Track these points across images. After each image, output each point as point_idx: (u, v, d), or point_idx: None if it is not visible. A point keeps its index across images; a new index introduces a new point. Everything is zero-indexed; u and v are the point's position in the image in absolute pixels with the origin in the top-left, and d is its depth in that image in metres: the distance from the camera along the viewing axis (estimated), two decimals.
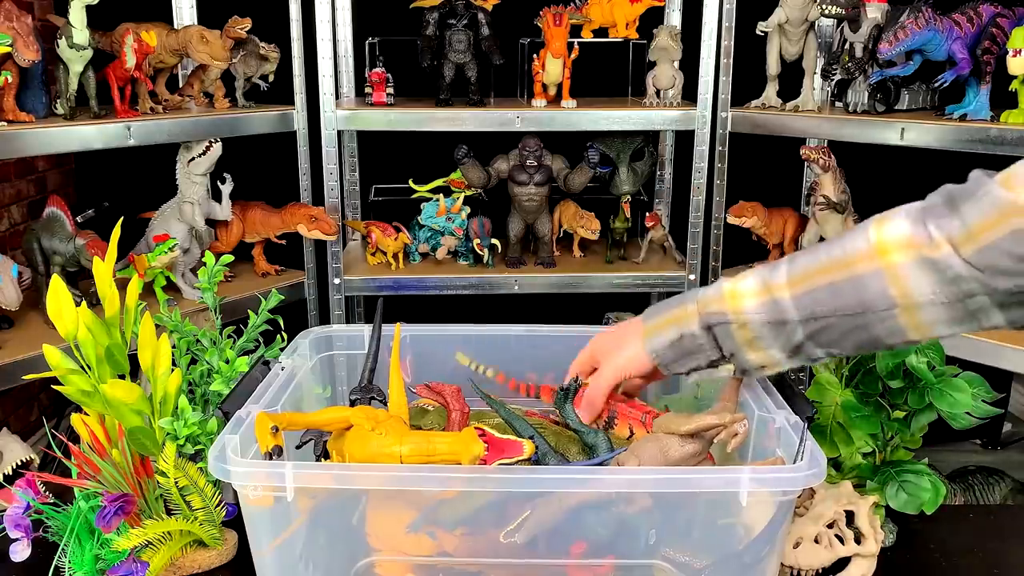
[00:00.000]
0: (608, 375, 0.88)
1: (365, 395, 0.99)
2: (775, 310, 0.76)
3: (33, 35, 1.52)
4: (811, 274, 0.74)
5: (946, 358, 1.02)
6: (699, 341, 0.81)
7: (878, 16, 1.72)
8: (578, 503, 0.82)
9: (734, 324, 0.78)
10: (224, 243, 1.93)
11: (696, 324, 0.81)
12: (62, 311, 0.93)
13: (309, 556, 0.87)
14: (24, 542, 0.96)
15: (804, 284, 0.74)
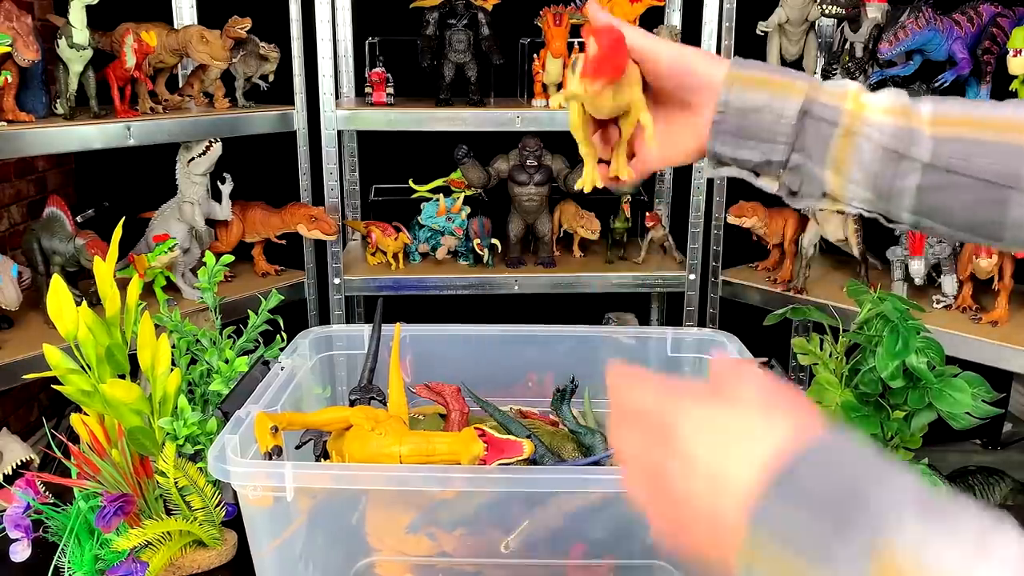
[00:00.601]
0: (636, 34, 0.65)
1: (365, 395, 0.99)
2: (904, 138, 0.61)
3: (33, 35, 1.52)
4: (961, 122, 0.61)
5: (946, 358, 1.02)
6: (781, 126, 0.63)
7: (878, 16, 1.72)
8: (577, 504, 0.82)
9: (841, 128, 0.62)
10: (224, 243, 1.93)
11: (794, 103, 0.62)
12: (62, 311, 0.93)
13: (309, 556, 0.87)
14: (24, 542, 0.96)
15: (951, 129, 0.61)
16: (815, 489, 0.39)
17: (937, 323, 1.54)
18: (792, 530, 0.38)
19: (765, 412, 0.43)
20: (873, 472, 0.38)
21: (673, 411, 0.45)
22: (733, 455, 0.41)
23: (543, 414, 1.09)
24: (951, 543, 0.35)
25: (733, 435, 0.42)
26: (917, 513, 0.36)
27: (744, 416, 0.43)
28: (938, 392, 0.99)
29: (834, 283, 1.91)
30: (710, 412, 0.44)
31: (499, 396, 1.04)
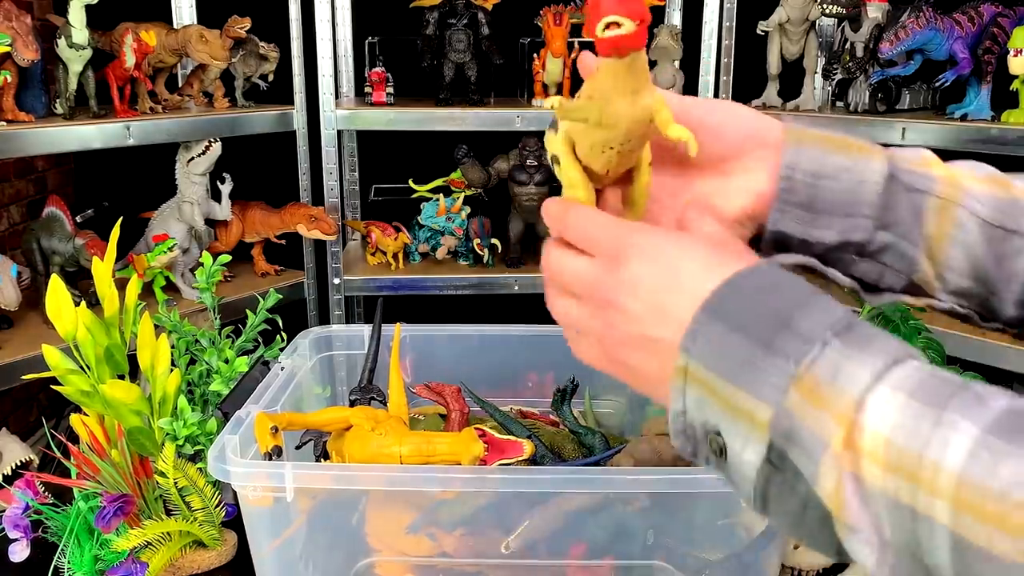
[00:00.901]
0: None
1: (365, 395, 0.99)
2: (1009, 211, 0.49)
3: (32, 34, 1.52)
4: None
5: (948, 358, 1.02)
6: (864, 194, 0.49)
7: (879, 16, 1.72)
8: (577, 504, 0.82)
9: (935, 198, 0.49)
10: (223, 243, 1.93)
11: (878, 165, 0.49)
12: (61, 311, 0.93)
13: (309, 557, 0.86)
14: (23, 542, 0.96)
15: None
16: (744, 314, 0.40)
17: (939, 323, 1.54)
18: (720, 353, 0.40)
19: (712, 248, 0.44)
20: (800, 298, 0.40)
21: (624, 238, 0.46)
22: (675, 286, 0.43)
23: (543, 414, 1.08)
24: (862, 365, 0.37)
25: (677, 266, 0.43)
26: (838, 336, 0.38)
27: (691, 249, 0.44)
28: None
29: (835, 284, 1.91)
30: (659, 242, 0.45)
31: (499, 396, 1.04)
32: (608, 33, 0.44)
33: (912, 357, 0.38)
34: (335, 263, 1.95)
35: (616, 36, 0.44)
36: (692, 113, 0.50)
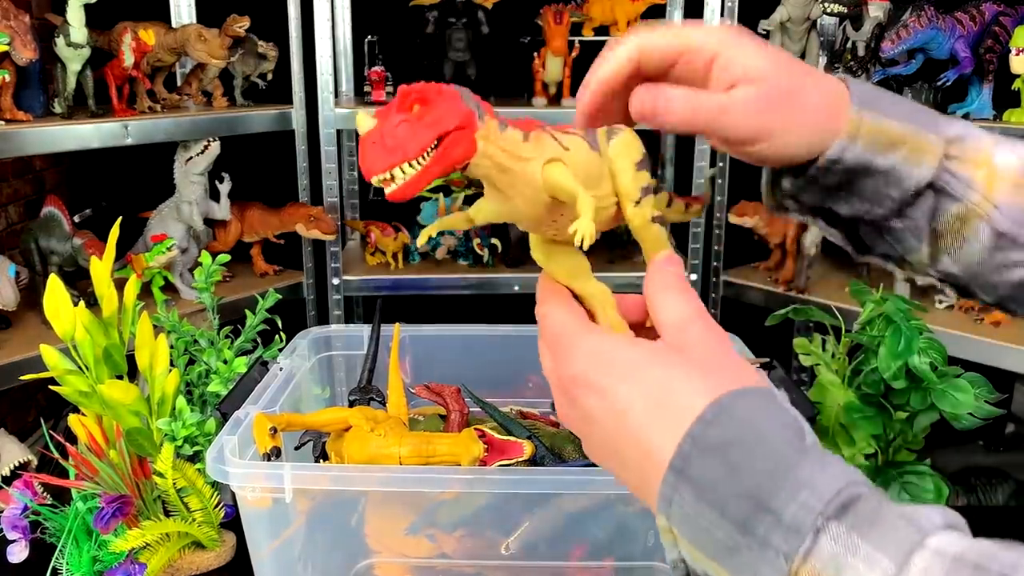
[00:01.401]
0: None
1: (364, 396, 0.99)
2: None
3: (31, 33, 1.52)
4: None
5: (948, 359, 1.02)
6: (898, 190, 0.48)
7: (880, 15, 1.71)
8: (577, 505, 0.82)
9: (963, 207, 0.49)
10: (222, 243, 1.92)
11: (925, 172, 0.48)
12: (59, 311, 0.93)
13: (308, 558, 0.86)
14: (22, 543, 0.95)
15: None
16: (714, 486, 0.35)
17: (940, 323, 1.54)
18: (699, 530, 0.36)
19: (689, 369, 0.39)
20: (780, 463, 0.35)
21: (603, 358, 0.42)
22: (656, 419, 0.38)
23: (543, 415, 1.08)
24: (872, 566, 0.32)
25: (657, 396, 0.39)
26: (834, 521, 0.33)
27: (670, 373, 0.39)
28: (940, 393, 0.99)
29: (836, 283, 1.90)
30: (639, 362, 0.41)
31: (499, 397, 1.04)
32: (388, 191, 0.41)
33: (928, 533, 0.32)
34: (334, 263, 1.95)
35: (394, 192, 0.41)
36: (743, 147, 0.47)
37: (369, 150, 0.40)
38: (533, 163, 0.44)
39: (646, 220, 0.48)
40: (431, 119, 0.40)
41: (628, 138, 0.49)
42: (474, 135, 0.42)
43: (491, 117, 0.43)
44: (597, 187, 0.47)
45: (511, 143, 0.43)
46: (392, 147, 0.40)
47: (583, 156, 0.46)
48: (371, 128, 0.41)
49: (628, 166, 0.48)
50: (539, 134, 0.45)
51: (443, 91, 0.42)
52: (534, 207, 0.45)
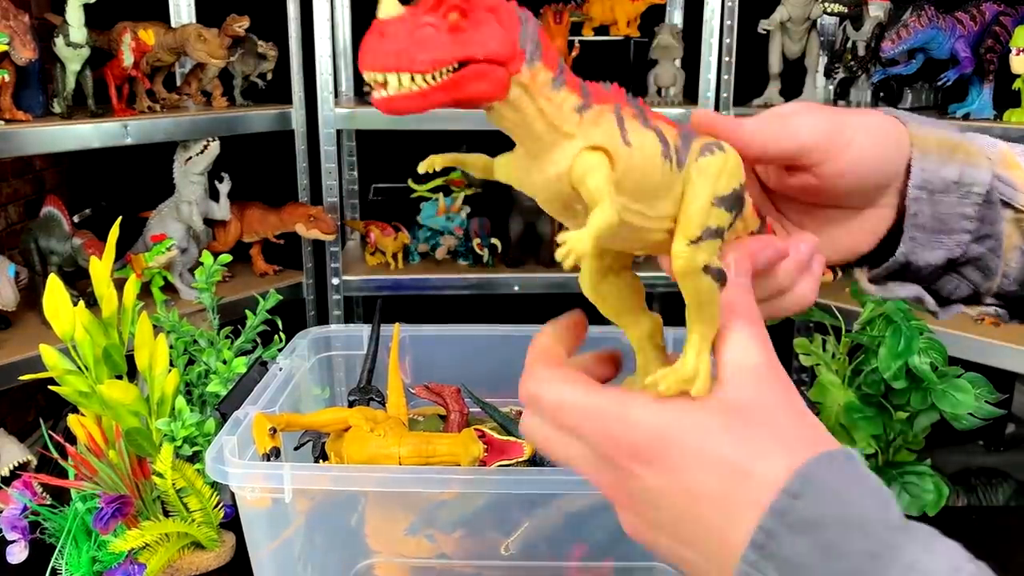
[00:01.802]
0: None
1: (364, 396, 0.99)
2: None
3: (30, 33, 1.52)
4: None
5: (949, 359, 1.02)
6: (966, 207, 0.46)
7: (880, 14, 1.71)
8: (577, 505, 0.82)
9: (1012, 209, 0.47)
10: (222, 243, 1.92)
11: (985, 173, 0.46)
12: (59, 311, 0.93)
13: (307, 558, 0.86)
14: (21, 544, 0.95)
15: None
16: (814, 565, 0.32)
17: (940, 323, 1.54)
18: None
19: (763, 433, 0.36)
20: (891, 540, 0.32)
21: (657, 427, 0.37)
22: (733, 493, 0.35)
23: None
24: None
25: (732, 468, 0.35)
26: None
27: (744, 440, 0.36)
28: (941, 393, 0.98)
29: (836, 283, 1.90)
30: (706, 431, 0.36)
31: (499, 397, 1.04)
32: (375, 95, 0.33)
33: None
34: (334, 263, 1.95)
35: (381, 100, 0.33)
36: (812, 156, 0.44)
37: (374, 40, 0.33)
38: (572, 142, 0.36)
39: (694, 267, 0.38)
40: (464, 37, 0.33)
41: (723, 163, 0.39)
42: (509, 77, 0.34)
43: (546, 66, 0.35)
44: (651, 203, 0.38)
45: (556, 107, 0.35)
46: (401, 48, 0.32)
47: (644, 160, 0.37)
48: (391, 16, 0.33)
49: (705, 194, 0.38)
50: (604, 111, 0.37)
51: (498, 9, 0.33)
52: (550, 191, 0.38)
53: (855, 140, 0.44)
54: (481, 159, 0.41)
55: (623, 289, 0.44)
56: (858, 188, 0.46)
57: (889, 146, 0.45)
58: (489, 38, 0.33)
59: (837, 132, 0.44)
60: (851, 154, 0.44)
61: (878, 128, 0.45)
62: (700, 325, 0.40)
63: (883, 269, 0.48)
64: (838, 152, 0.44)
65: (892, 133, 0.45)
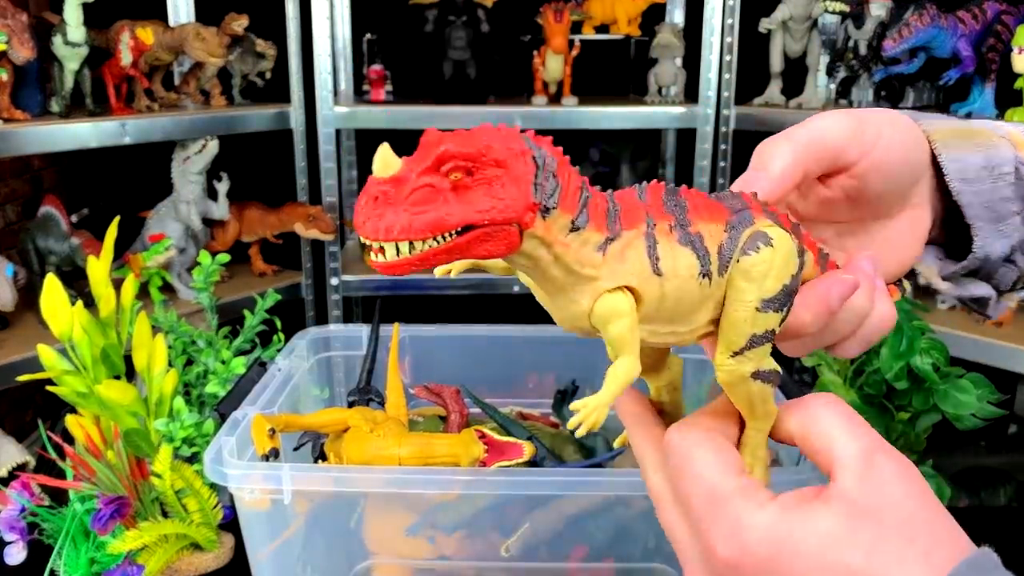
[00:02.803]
0: None
1: (363, 396, 0.98)
2: None
3: (28, 32, 1.51)
4: None
5: (951, 359, 1.01)
6: (1002, 188, 0.45)
7: (882, 13, 1.71)
8: (577, 507, 0.81)
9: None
10: (220, 243, 1.91)
11: (1008, 153, 0.45)
12: (57, 311, 0.92)
13: (307, 559, 0.86)
14: (19, 545, 0.95)
15: None
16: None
17: (942, 323, 1.53)
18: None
19: (896, 542, 0.32)
20: None
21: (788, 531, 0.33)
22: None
23: (544, 416, 1.08)
24: None
25: None
26: None
27: (875, 553, 0.32)
28: (943, 393, 0.98)
29: None
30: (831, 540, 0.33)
31: (499, 397, 1.03)
32: (373, 258, 0.31)
33: None
34: (333, 263, 1.94)
35: (379, 264, 0.31)
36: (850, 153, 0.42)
37: (369, 203, 0.30)
38: (592, 283, 0.33)
39: (740, 377, 0.36)
40: (469, 198, 0.30)
41: (771, 260, 0.35)
42: (520, 233, 0.31)
43: (564, 211, 0.32)
44: (686, 321, 0.36)
45: (575, 253, 0.32)
46: (397, 214, 0.29)
47: (678, 287, 0.34)
48: (386, 176, 0.30)
49: (750, 300, 0.35)
50: (633, 239, 0.34)
51: (508, 162, 0.30)
52: (569, 322, 0.35)
53: (882, 132, 0.43)
54: (500, 264, 0.38)
55: (650, 352, 0.41)
56: (894, 184, 0.44)
57: (913, 136, 0.44)
58: (497, 199, 0.30)
59: (861, 128, 0.42)
60: (882, 145, 0.42)
61: (898, 119, 0.44)
62: (755, 422, 0.38)
63: (960, 268, 0.46)
64: (870, 145, 0.42)
65: (910, 125, 0.45)
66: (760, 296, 0.35)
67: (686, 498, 0.36)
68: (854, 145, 0.42)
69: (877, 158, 0.42)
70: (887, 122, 0.43)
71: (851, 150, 0.42)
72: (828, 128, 0.42)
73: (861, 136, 0.42)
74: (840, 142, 0.42)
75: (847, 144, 0.42)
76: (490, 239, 0.30)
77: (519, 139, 0.31)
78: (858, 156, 0.42)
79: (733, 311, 0.35)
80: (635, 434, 0.42)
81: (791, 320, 0.38)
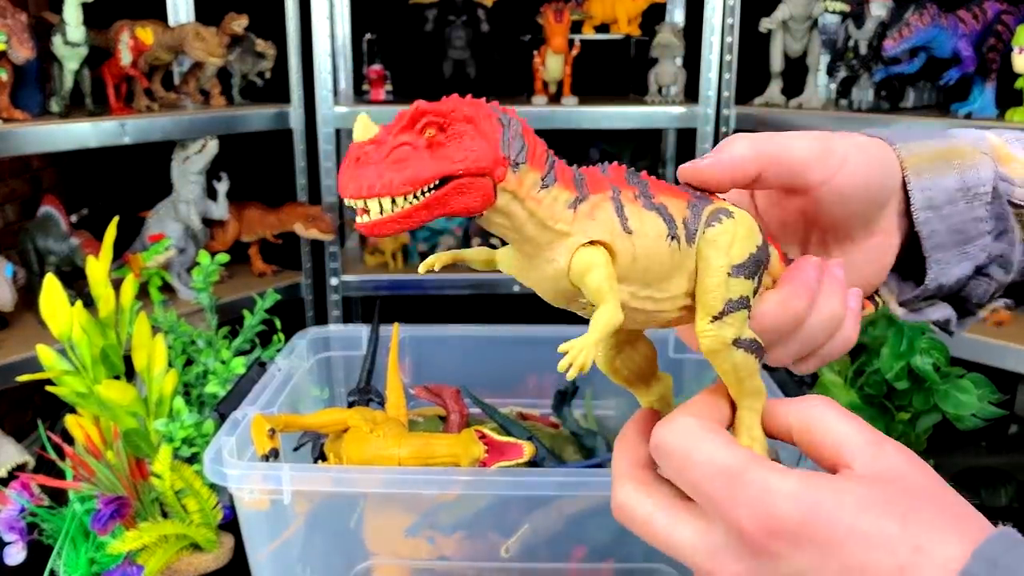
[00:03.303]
0: None
1: (363, 396, 0.98)
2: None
3: (28, 32, 1.51)
4: None
5: (951, 359, 1.01)
6: (976, 209, 0.44)
7: (882, 13, 1.71)
8: (577, 507, 0.81)
9: (1016, 204, 0.46)
10: (220, 243, 1.91)
11: (987, 172, 0.45)
12: (56, 311, 0.92)
13: (306, 560, 0.85)
14: (19, 545, 0.95)
15: None
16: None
17: None
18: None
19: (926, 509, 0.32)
20: None
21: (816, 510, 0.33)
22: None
23: (544, 416, 1.07)
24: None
25: (900, 547, 0.31)
26: None
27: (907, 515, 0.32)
28: (943, 393, 0.98)
29: None
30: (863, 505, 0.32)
31: (499, 398, 1.03)
32: (358, 220, 0.33)
33: None
34: (333, 263, 1.94)
35: (364, 225, 0.33)
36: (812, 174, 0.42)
37: (351, 165, 0.32)
38: (567, 240, 0.35)
39: (723, 343, 0.37)
40: (443, 153, 0.32)
41: (735, 229, 0.37)
42: (494, 186, 0.33)
43: (532, 167, 0.34)
44: (661, 286, 0.37)
45: (547, 207, 0.34)
46: (378, 171, 0.31)
47: (648, 246, 0.36)
48: (366, 139, 0.32)
49: (719, 265, 0.37)
50: (600, 201, 0.35)
51: (476, 119, 0.33)
52: (550, 289, 0.37)
53: (848, 158, 0.42)
54: (483, 253, 0.41)
55: (639, 361, 0.42)
56: (854, 211, 0.44)
57: (881, 162, 0.44)
58: (469, 151, 0.32)
59: (826, 153, 0.42)
60: (846, 171, 0.42)
61: (867, 146, 0.44)
62: (746, 399, 0.38)
63: (913, 299, 0.46)
64: (833, 171, 0.42)
65: (880, 150, 0.44)
66: (729, 262, 0.37)
67: (697, 487, 0.36)
68: (817, 168, 0.41)
69: (838, 183, 0.42)
70: (855, 148, 0.43)
71: (814, 172, 0.42)
72: (794, 145, 0.42)
73: (825, 160, 0.41)
74: (803, 161, 0.41)
75: (810, 165, 0.41)
76: (466, 191, 0.32)
77: (485, 104, 0.34)
78: (820, 180, 0.42)
79: (707, 277, 0.37)
80: (616, 455, 0.41)
81: (783, 313, 0.39)
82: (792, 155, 0.41)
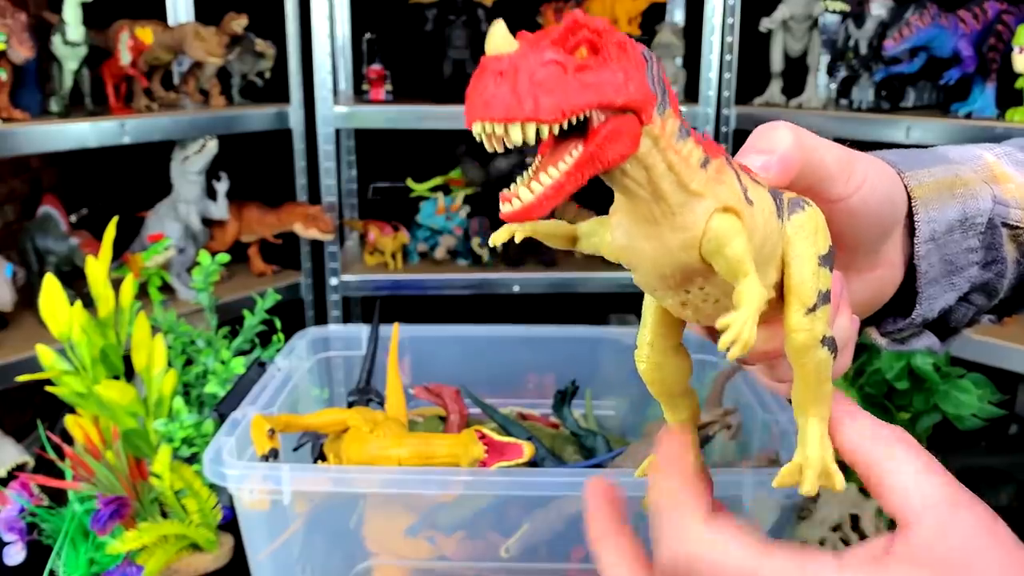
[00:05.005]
0: None
1: (363, 397, 0.98)
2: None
3: (27, 31, 1.51)
4: None
5: (952, 359, 1.01)
6: (970, 240, 0.43)
7: (883, 13, 1.71)
8: (578, 507, 0.81)
9: (1010, 227, 0.44)
10: (220, 243, 1.91)
11: (985, 203, 0.43)
12: (56, 311, 0.92)
13: (306, 560, 0.85)
14: (19, 545, 0.95)
15: None
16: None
17: None
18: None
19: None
20: None
21: None
22: None
23: (544, 416, 1.07)
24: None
25: None
26: None
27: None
28: (943, 394, 0.98)
29: None
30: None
31: (499, 398, 1.03)
32: (503, 208, 0.28)
33: None
34: (332, 263, 1.94)
35: (514, 213, 0.28)
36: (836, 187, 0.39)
37: (489, 82, 0.27)
38: (702, 202, 0.30)
39: (815, 339, 0.33)
40: (596, 78, 0.27)
41: (816, 219, 0.34)
42: (641, 129, 0.28)
43: (675, 113, 0.29)
44: (765, 267, 0.32)
45: (684, 161, 0.29)
46: (524, 91, 0.26)
47: (767, 221, 0.32)
48: (506, 52, 0.27)
49: (810, 255, 0.33)
50: (723, 164, 0.31)
51: (627, 46, 0.28)
52: (665, 262, 0.32)
53: (869, 177, 0.39)
54: (563, 228, 0.36)
55: (684, 370, 0.38)
56: (866, 236, 0.41)
57: (892, 188, 0.41)
58: (625, 81, 0.27)
59: (852, 165, 0.39)
60: (865, 191, 0.39)
61: (883, 169, 0.41)
62: (816, 407, 0.34)
63: (899, 334, 0.45)
64: (856, 185, 0.39)
65: (893, 176, 0.42)
66: (816, 252, 0.33)
67: None
68: (840, 182, 0.38)
69: (855, 203, 0.39)
70: (875, 171, 0.40)
71: (837, 185, 0.38)
72: (827, 153, 0.38)
73: (850, 176, 0.39)
74: (831, 172, 0.38)
75: (836, 178, 0.38)
76: (618, 137, 0.27)
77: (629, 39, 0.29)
78: (840, 195, 0.39)
79: (799, 266, 0.33)
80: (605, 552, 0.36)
81: None
82: (824, 162, 0.38)
